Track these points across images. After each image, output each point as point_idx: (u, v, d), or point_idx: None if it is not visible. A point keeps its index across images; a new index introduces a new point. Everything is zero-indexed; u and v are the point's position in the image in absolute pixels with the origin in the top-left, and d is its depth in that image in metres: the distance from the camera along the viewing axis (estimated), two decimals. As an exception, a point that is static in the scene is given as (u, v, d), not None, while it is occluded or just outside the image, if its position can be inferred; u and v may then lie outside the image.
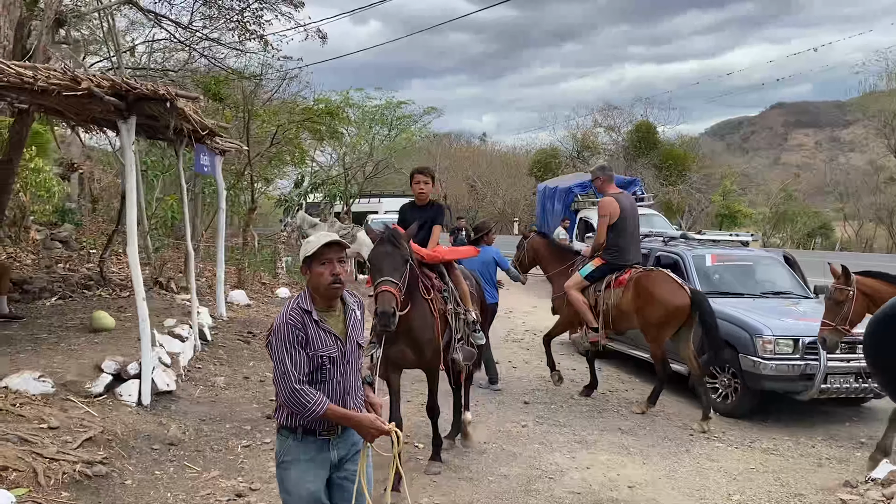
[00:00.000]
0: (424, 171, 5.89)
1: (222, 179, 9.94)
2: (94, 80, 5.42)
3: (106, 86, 5.42)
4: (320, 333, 2.93)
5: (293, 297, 3.08)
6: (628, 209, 7.63)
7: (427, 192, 5.77)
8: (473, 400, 7.44)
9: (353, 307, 3.11)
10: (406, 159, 49.73)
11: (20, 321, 8.01)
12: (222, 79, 15.27)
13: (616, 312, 7.44)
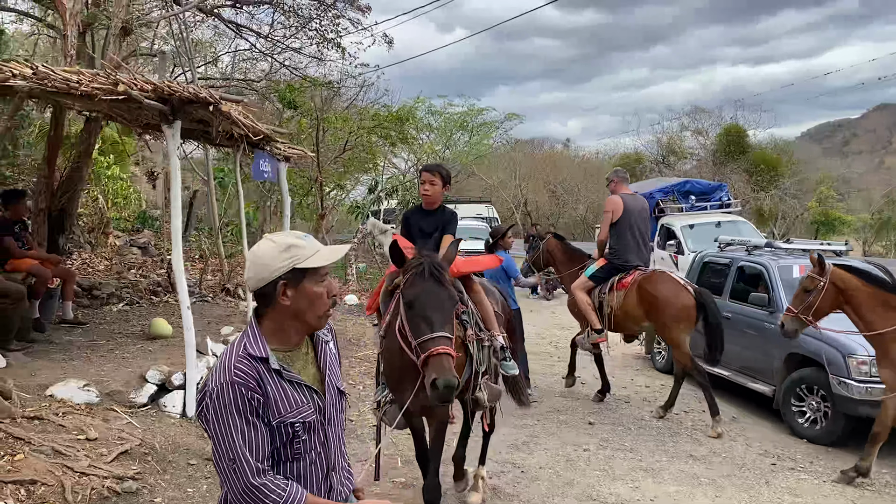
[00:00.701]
0: (433, 169, 4.94)
1: (287, 186, 9.83)
2: (137, 84, 5.30)
3: (148, 89, 5.29)
4: (286, 389, 2.02)
5: (234, 341, 2.11)
6: (634, 210, 7.55)
7: (434, 195, 4.80)
8: (533, 418, 7.03)
9: (325, 337, 2.25)
10: (486, 165, 49.60)
11: (83, 327, 8.08)
12: (297, 87, 15.32)
13: (620, 315, 7.44)
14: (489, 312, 4.70)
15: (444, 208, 4.91)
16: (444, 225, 4.77)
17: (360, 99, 20.77)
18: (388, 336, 4.18)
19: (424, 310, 3.47)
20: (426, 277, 3.54)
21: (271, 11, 17.31)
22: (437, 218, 4.81)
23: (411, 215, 5.00)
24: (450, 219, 4.83)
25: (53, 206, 8.70)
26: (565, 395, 8.05)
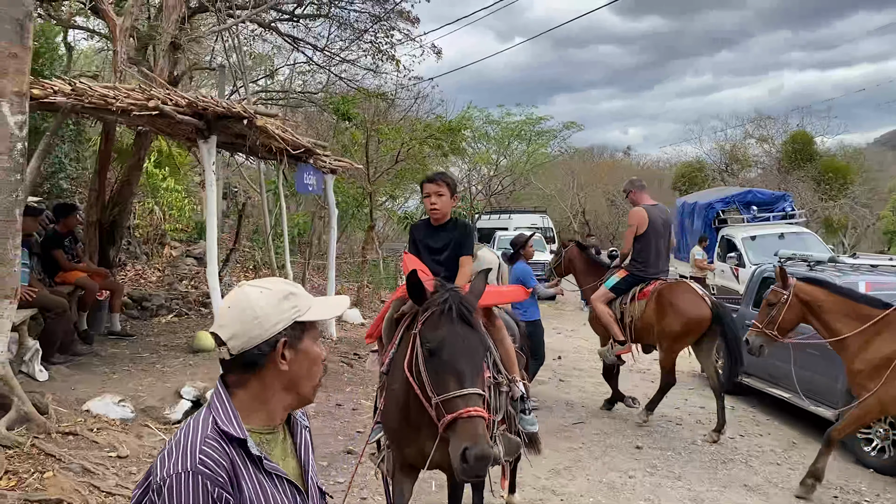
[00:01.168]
0: (438, 178, 4.20)
1: (333, 198, 9.79)
2: (172, 100, 5.28)
3: (182, 104, 5.26)
4: (264, 485, 1.54)
5: (196, 415, 1.60)
6: (657, 221, 7.43)
7: (443, 208, 4.11)
8: (578, 442, 6.76)
9: (303, 421, 1.81)
10: (544, 174, 49.12)
11: (130, 339, 8.16)
12: (350, 99, 15.37)
13: (640, 325, 7.36)
14: (510, 353, 4.04)
15: (455, 222, 4.25)
16: (457, 243, 4.13)
17: (414, 110, 20.84)
18: (392, 374, 3.51)
19: (453, 359, 2.82)
20: (454, 319, 2.89)
21: (328, 24, 17.54)
22: (448, 234, 4.17)
23: (417, 231, 4.33)
24: (464, 236, 4.15)
25: (105, 219, 8.83)
26: (614, 417, 7.73)
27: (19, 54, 4.93)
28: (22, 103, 5.00)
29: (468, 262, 4.08)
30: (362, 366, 9.01)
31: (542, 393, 8.63)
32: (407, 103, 20.40)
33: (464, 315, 2.90)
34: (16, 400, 5.14)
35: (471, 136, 37.23)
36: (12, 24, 4.88)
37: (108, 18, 8.04)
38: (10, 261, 5.08)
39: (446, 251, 4.12)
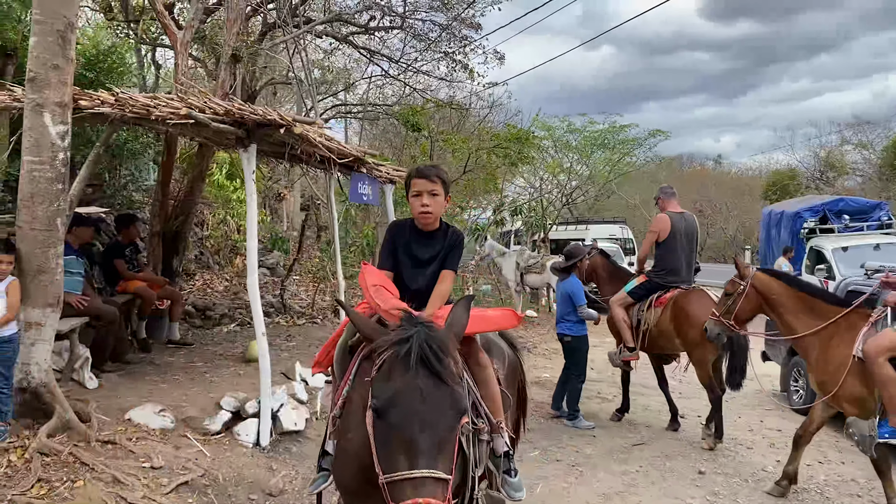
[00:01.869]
0: (431, 173, 3.30)
1: (392, 208, 9.67)
2: (212, 108, 5.25)
3: (220, 112, 5.22)
4: None
5: None
6: (681, 229, 7.29)
7: (436, 211, 3.30)
8: (635, 464, 6.35)
9: None
10: (628, 184, 47.99)
11: (188, 348, 8.24)
12: (419, 110, 15.32)
13: (655, 332, 7.22)
14: (494, 393, 3.21)
15: (447, 229, 3.43)
16: (444, 255, 3.35)
17: (489, 120, 20.64)
18: (346, 419, 2.86)
19: (405, 426, 2.08)
20: (414, 367, 2.15)
21: (402, 36, 17.60)
22: (438, 243, 3.37)
23: (398, 234, 3.43)
24: (453, 245, 3.38)
25: (168, 229, 8.98)
26: (678, 439, 7.26)
27: (61, 65, 4.99)
28: (64, 114, 5.05)
29: (449, 278, 3.30)
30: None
31: (603, 410, 8.23)
32: (482, 113, 20.29)
33: (429, 362, 2.14)
34: (58, 408, 5.19)
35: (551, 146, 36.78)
36: (54, 36, 4.95)
37: (170, 33, 8.20)
38: (52, 269, 5.14)
39: (433, 264, 3.34)
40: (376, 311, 2.89)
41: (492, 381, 3.21)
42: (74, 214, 6.49)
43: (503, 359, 3.78)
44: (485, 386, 3.16)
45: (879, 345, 4.82)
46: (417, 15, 16.25)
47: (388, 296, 2.94)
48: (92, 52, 9.45)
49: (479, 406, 3.07)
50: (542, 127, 33.89)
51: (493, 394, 3.19)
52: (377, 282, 3.03)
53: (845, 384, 5.08)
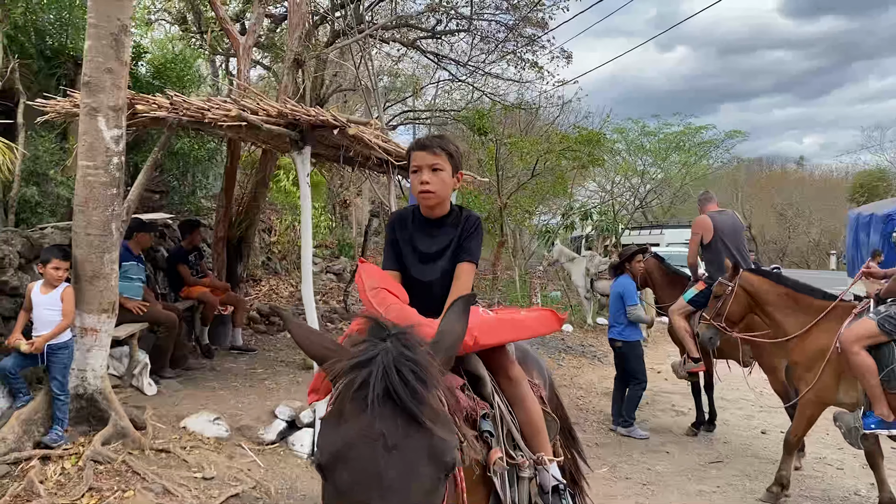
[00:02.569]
0: (434, 145, 2.64)
1: (455, 212, 9.44)
2: (264, 110, 5.13)
3: (273, 114, 5.10)
4: None
5: None
6: (725, 228, 6.94)
7: (439, 191, 2.60)
8: (712, 484, 5.90)
9: None
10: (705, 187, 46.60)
11: (251, 353, 8.20)
12: (485, 113, 15.10)
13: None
14: (535, 417, 2.57)
15: (460, 213, 2.73)
16: (457, 245, 2.67)
17: (559, 122, 20.25)
18: None
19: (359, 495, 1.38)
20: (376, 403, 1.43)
21: (469, 39, 17.45)
22: (449, 232, 2.69)
23: (400, 224, 2.77)
24: (469, 232, 2.68)
25: (232, 235, 8.99)
26: (760, 457, 6.75)
27: (115, 69, 4.96)
28: (118, 118, 5.02)
29: (467, 273, 2.64)
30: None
31: (677, 424, 7.78)
32: (551, 115, 19.92)
33: (397, 395, 1.43)
34: (113, 415, 5.15)
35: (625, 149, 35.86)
36: (108, 40, 4.92)
37: (232, 38, 8.20)
38: (108, 275, 5.11)
39: (444, 257, 2.68)
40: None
41: (529, 400, 2.58)
42: (135, 220, 6.51)
43: (542, 373, 3.10)
44: (521, 407, 2.55)
45: (855, 333, 4.85)
46: (484, 16, 16.09)
47: (393, 300, 2.37)
48: (160, 61, 9.59)
49: (514, 435, 2.46)
50: (614, 129, 33.06)
51: (533, 417, 2.58)
52: (378, 283, 2.47)
53: (824, 375, 5.17)
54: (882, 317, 4.82)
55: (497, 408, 2.37)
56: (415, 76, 22.43)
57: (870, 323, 4.84)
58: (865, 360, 4.78)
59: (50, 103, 5.89)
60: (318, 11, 15.44)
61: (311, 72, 13.15)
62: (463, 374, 2.34)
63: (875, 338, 4.81)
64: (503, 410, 2.42)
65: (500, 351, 2.53)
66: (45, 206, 7.57)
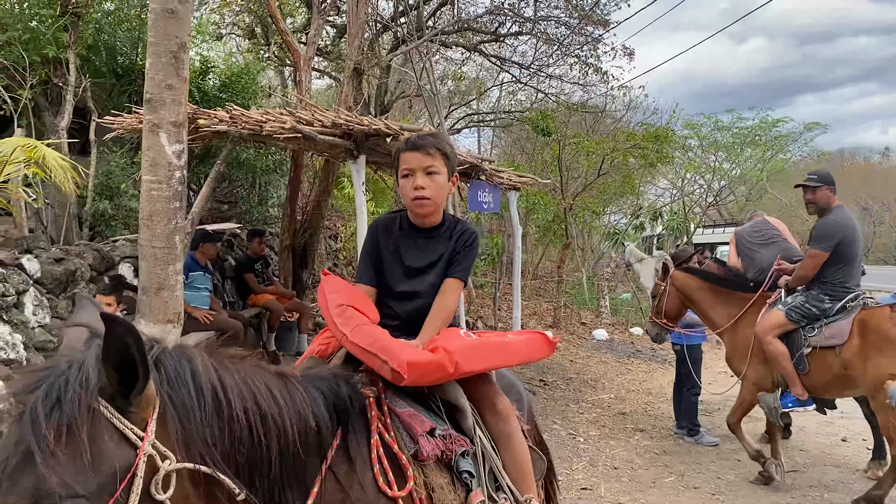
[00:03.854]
0: (427, 144, 2.32)
1: (517, 216, 9.37)
2: (320, 121, 5.19)
3: (328, 125, 5.15)
4: None
5: None
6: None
7: (434, 196, 2.33)
8: (787, 495, 5.65)
9: None
10: (783, 182, 44.97)
11: (315, 360, 8.31)
12: (548, 114, 14.94)
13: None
14: (521, 457, 2.30)
15: (455, 225, 2.46)
16: (448, 259, 2.40)
17: (626, 120, 19.88)
18: None
19: None
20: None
21: (533, 41, 17.32)
22: (441, 244, 2.42)
23: (385, 232, 2.47)
24: (463, 246, 2.40)
25: (297, 243, 9.14)
26: (838, 465, 6.44)
27: (175, 85, 5.08)
28: (179, 133, 5.14)
29: (453, 290, 2.37)
30: (547, 393, 8.45)
31: (749, 431, 7.48)
32: (618, 114, 19.55)
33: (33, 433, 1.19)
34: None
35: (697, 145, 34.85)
36: (167, 57, 5.04)
37: (293, 50, 8.35)
38: (172, 286, 5.23)
39: (433, 272, 2.40)
40: (341, 342, 2.10)
41: (516, 439, 2.29)
42: (201, 231, 6.68)
43: (522, 402, 2.75)
44: (507, 445, 2.26)
45: (767, 324, 5.41)
46: (547, 18, 15.93)
47: (361, 320, 2.12)
48: (227, 75, 9.84)
49: (499, 476, 2.19)
50: (686, 125, 32.15)
51: (520, 457, 2.29)
52: (344, 300, 2.20)
53: (752, 363, 5.57)
54: (789, 307, 5.38)
55: (479, 444, 2.14)
56: (478, 79, 22.41)
57: (778, 314, 5.40)
58: (778, 347, 5.34)
59: (117, 120, 6.11)
60: (381, 20, 15.62)
61: (373, 80, 13.29)
62: (440, 405, 2.14)
63: (784, 326, 5.36)
64: (486, 446, 2.18)
65: (484, 380, 2.30)
66: (118, 218, 7.85)
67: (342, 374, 1.95)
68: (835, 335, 5.20)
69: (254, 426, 1.50)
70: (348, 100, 8.85)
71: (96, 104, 8.01)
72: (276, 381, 1.66)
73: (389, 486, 1.79)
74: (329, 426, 1.73)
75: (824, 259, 5.28)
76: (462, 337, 2.18)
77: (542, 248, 16.78)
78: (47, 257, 5.89)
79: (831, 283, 5.33)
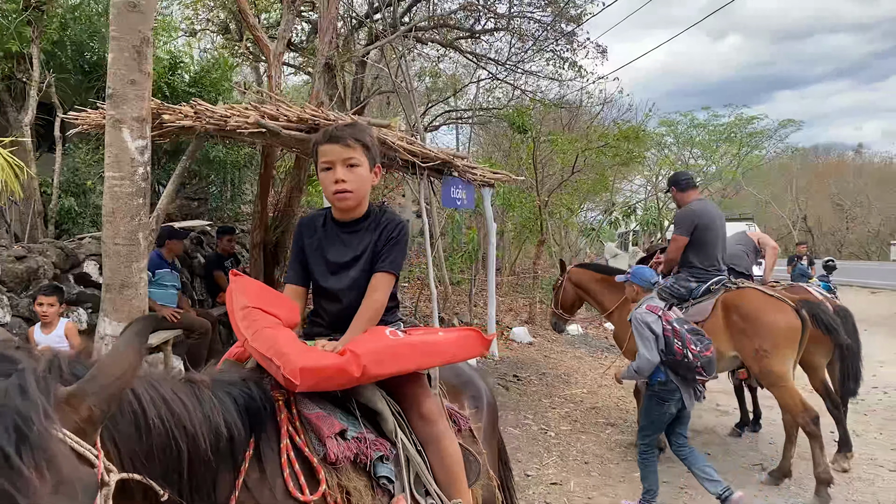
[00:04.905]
0: (345, 135, 2.28)
1: (491, 212, 9.38)
2: (284, 116, 5.14)
3: (294, 119, 5.10)
4: None
5: None
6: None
7: (356, 189, 2.30)
8: (754, 489, 5.69)
9: None
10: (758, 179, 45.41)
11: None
12: (524, 111, 14.96)
13: None
14: (449, 459, 2.19)
15: (380, 216, 2.41)
16: (373, 252, 2.35)
17: (601, 117, 19.96)
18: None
19: None
20: None
21: (508, 38, 17.34)
22: (365, 236, 2.37)
23: (306, 229, 2.47)
24: (389, 237, 2.35)
25: (268, 241, 9.06)
26: (805, 458, 6.44)
27: (138, 80, 5.02)
28: (143, 129, 5.08)
29: (383, 284, 2.32)
30: (520, 388, 8.45)
31: (721, 425, 7.54)
32: (594, 111, 19.65)
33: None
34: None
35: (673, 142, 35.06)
36: (130, 51, 4.98)
37: (263, 45, 8.26)
38: (136, 284, 5.16)
39: (356, 266, 2.36)
40: (244, 346, 2.03)
41: (446, 440, 2.19)
42: (167, 228, 6.60)
43: (480, 400, 2.67)
44: (434, 448, 2.16)
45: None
46: (521, 14, 15.96)
47: (265, 323, 2.04)
48: (196, 70, 9.74)
49: (426, 481, 2.08)
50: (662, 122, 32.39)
51: (448, 459, 2.18)
52: (251, 301, 2.11)
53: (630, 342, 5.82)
54: (660, 287, 5.79)
55: (401, 447, 2.06)
56: (455, 76, 22.39)
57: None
58: None
59: (81, 116, 6.02)
60: (355, 16, 15.54)
61: (343, 75, 13.19)
62: (355, 406, 2.08)
63: None
64: (410, 450, 2.09)
65: (412, 380, 2.21)
66: (85, 216, 7.74)
67: (253, 378, 1.90)
68: (698, 313, 5.76)
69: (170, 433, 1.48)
70: (320, 95, 8.78)
71: (62, 100, 7.88)
72: (183, 387, 1.62)
73: (301, 490, 1.74)
74: (242, 433, 1.69)
75: (684, 242, 5.97)
76: (385, 337, 2.11)
77: (519, 245, 16.80)
78: (8, 255, 5.80)
79: (696, 267, 5.97)
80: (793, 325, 5.42)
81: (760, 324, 5.47)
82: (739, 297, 5.69)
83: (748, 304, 5.61)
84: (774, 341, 5.42)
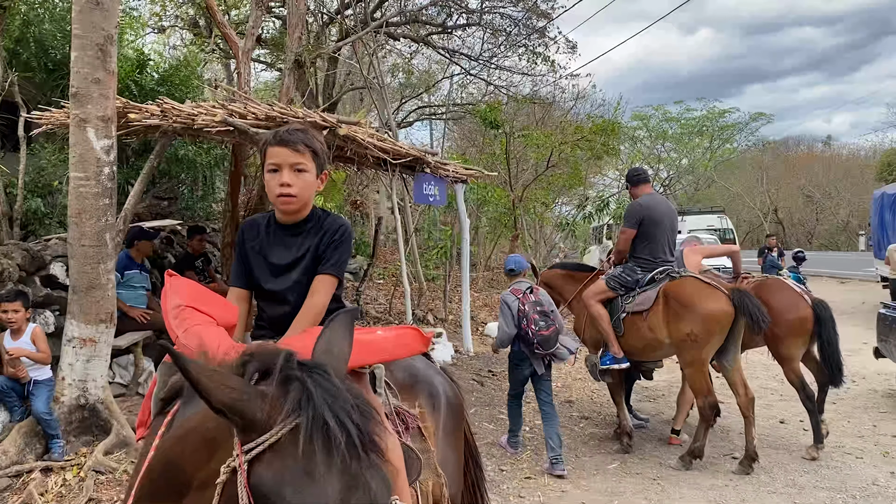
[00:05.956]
0: (295, 140, 2.29)
1: (464, 208, 9.39)
2: (252, 114, 5.09)
3: (261, 117, 5.06)
4: None
5: None
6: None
7: (300, 193, 2.32)
8: (724, 479, 5.76)
9: None
10: (730, 172, 45.93)
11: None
12: (495, 106, 14.99)
13: None
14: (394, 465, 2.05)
15: (324, 218, 2.43)
16: (314, 254, 2.38)
17: (574, 112, 20.07)
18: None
19: None
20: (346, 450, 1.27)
21: (481, 33, 17.36)
22: (307, 238, 2.40)
23: (249, 232, 2.49)
24: (332, 239, 2.38)
25: (240, 239, 8.99)
26: (775, 447, 6.58)
27: (102, 79, 4.95)
28: (108, 128, 5.02)
29: (325, 287, 2.33)
30: (494, 384, 8.48)
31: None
32: (566, 106, 19.74)
33: (362, 443, 1.27)
34: (115, 424, 5.17)
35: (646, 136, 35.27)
36: (93, 49, 4.91)
37: (231, 42, 8.20)
38: (104, 285, 5.11)
39: (297, 268, 2.39)
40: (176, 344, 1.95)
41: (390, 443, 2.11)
42: (135, 228, 6.52)
43: (435, 398, 2.60)
44: None
45: (591, 290, 6.30)
46: (492, 9, 15.98)
47: (196, 322, 2.00)
48: (164, 68, 9.61)
49: None
50: (635, 116, 32.50)
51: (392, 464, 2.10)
52: (184, 300, 2.07)
53: (586, 328, 6.50)
54: (608, 276, 6.24)
55: None
56: (428, 72, 22.36)
57: (601, 282, 6.27)
58: (599, 310, 6.16)
59: (45, 115, 5.92)
60: (326, 12, 15.45)
61: (315, 72, 13.12)
62: None
63: (605, 293, 6.20)
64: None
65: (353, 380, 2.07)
66: (52, 217, 7.62)
67: None
68: (643, 302, 6.02)
69: None
70: (289, 91, 8.73)
71: (27, 99, 7.74)
72: None
73: None
74: None
75: (632, 235, 6.14)
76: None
77: (493, 240, 16.83)
78: (-28, 258, 5.69)
79: (642, 257, 6.17)
80: (726, 312, 5.67)
81: (695, 310, 5.70)
82: (679, 286, 5.92)
83: (685, 291, 5.84)
84: (707, 327, 5.67)
